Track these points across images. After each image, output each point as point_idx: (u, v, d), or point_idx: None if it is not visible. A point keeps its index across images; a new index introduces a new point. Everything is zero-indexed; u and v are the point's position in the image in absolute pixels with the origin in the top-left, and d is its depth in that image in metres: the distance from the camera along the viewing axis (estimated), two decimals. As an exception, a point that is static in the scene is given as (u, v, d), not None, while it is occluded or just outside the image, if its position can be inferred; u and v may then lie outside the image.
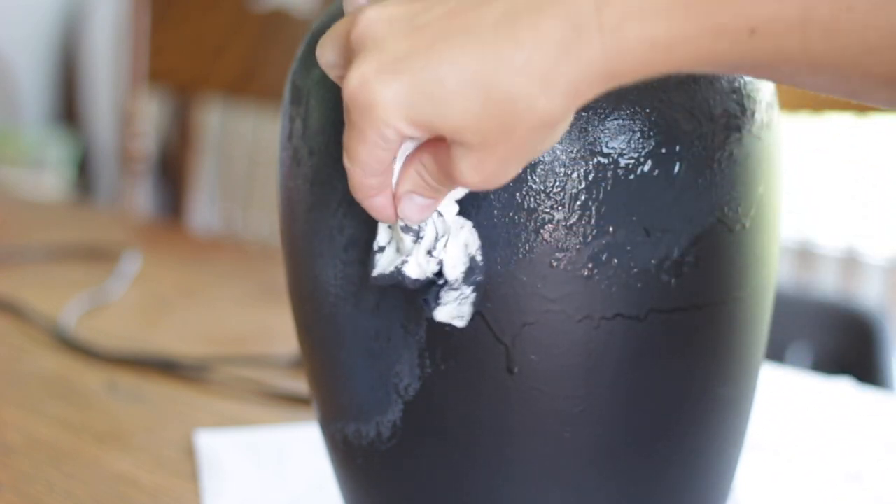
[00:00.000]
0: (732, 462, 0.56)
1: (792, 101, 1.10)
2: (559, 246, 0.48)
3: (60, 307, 1.01)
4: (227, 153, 2.59)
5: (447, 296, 0.49)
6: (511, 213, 0.48)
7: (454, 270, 0.48)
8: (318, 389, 0.57)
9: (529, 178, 0.48)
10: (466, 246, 0.48)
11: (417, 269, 0.48)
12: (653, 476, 0.52)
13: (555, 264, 0.48)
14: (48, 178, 2.61)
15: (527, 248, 0.48)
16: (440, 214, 0.47)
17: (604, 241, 0.48)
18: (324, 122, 0.52)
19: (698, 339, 0.50)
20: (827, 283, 2.22)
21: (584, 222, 0.48)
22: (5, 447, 0.74)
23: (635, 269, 0.48)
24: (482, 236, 0.48)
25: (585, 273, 0.48)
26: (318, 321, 0.54)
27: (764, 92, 0.53)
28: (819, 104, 1.15)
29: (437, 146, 0.44)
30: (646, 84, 0.49)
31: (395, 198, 0.45)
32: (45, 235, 1.28)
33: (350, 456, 0.55)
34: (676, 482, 0.53)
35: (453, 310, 0.49)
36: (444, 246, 0.48)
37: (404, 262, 0.48)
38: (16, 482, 0.69)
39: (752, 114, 0.51)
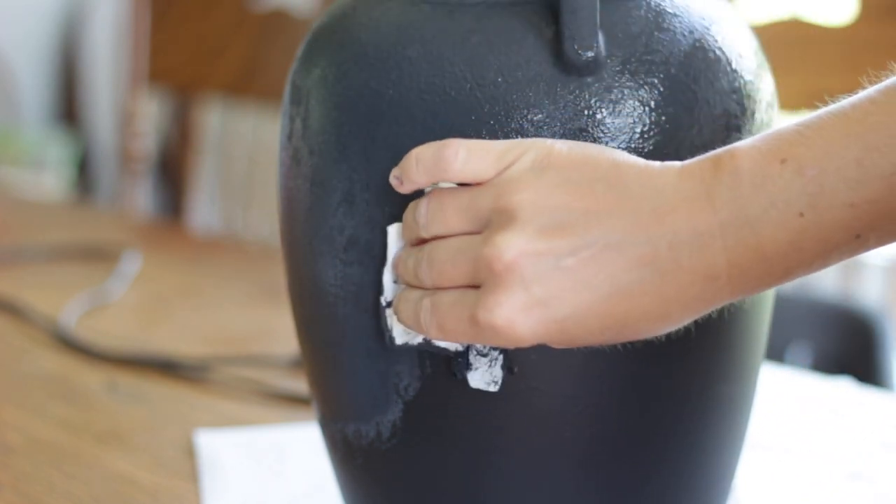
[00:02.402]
0: (732, 462, 0.56)
1: (792, 101, 1.10)
2: (559, 246, 0.48)
3: (60, 307, 1.01)
4: (227, 153, 2.58)
5: (477, 361, 0.49)
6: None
7: None
8: (318, 389, 0.57)
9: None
10: None
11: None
12: (653, 475, 0.52)
13: (555, 264, 0.48)
14: (48, 178, 2.61)
15: (527, 248, 0.48)
16: None
17: (604, 241, 0.48)
18: (324, 122, 0.52)
19: (698, 338, 0.50)
20: (827, 284, 2.22)
21: (584, 222, 0.48)
22: (5, 447, 0.74)
23: (635, 269, 0.48)
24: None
25: (585, 273, 0.48)
26: (318, 321, 0.54)
27: (764, 92, 0.53)
28: (819, 104, 1.15)
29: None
30: (646, 83, 0.49)
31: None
32: (45, 235, 1.28)
33: (350, 456, 0.55)
34: (676, 482, 0.53)
35: (486, 374, 0.49)
36: None
37: None
38: (16, 482, 0.69)
39: (752, 114, 0.51)
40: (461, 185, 0.46)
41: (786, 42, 1.13)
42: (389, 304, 0.50)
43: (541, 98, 0.48)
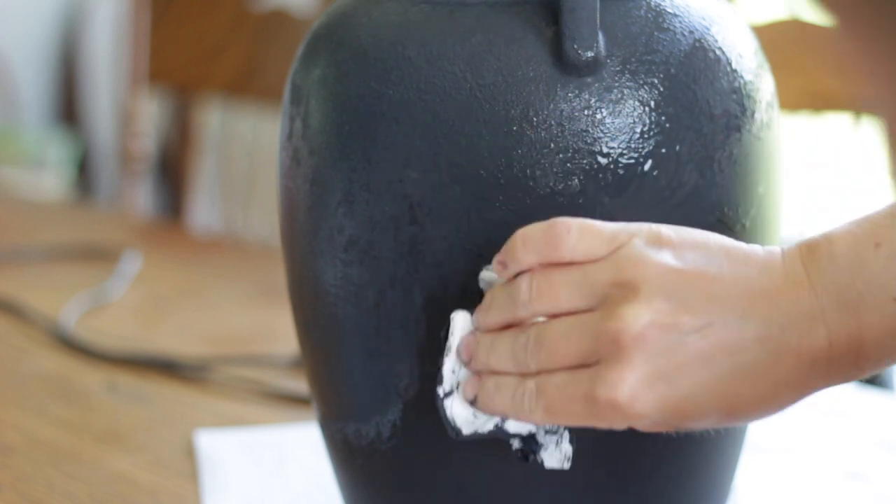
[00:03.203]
0: (732, 462, 0.56)
1: (792, 101, 1.10)
2: (559, 246, 0.48)
3: (60, 307, 1.01)
4: (227, 153, 2.58)
5: (546, 440, 0.48)
6: (511, 213, 0.48)
7: None
8: (318, 389, 0.57)
9: (529, 179, 0.48)
10: None
11: (517, 423, 0.47)
12: (653, 475, 0.52)
13: (555, 264, 0.48)
14: (48, 178, 2.61)
15: (527, 248, 0.48)
16: None
17: (604, 241, 0.48)
18: (324, 122, 0.52)
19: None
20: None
21: (584, 222, 0.47)
22: (5, 447, 0.74)
23: (635, 269, 0.48)
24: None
25: (585, 273, 0.48)
26: (318, 321, 0.54)
27: (764, 92, 0.53)
28: (819, 104, 1.15)
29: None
30: (646, 83, 0.49)
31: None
32: (45, 235, 1.28)
33: (350, 456, 0.55)
34: (676, 482, 0.53)
35: (557, 453, 0.48)
36: None
37: (504, 418, 0.47)
38: (16, 482, 0.69)
39: (752, 114, 0.51)
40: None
41: (786, 42, 1.13)
42: (448, 395, 0.48)
43: (541, 98, 0.48)
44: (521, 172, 0.48)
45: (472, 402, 0.47)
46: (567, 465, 0.48)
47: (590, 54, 0.48)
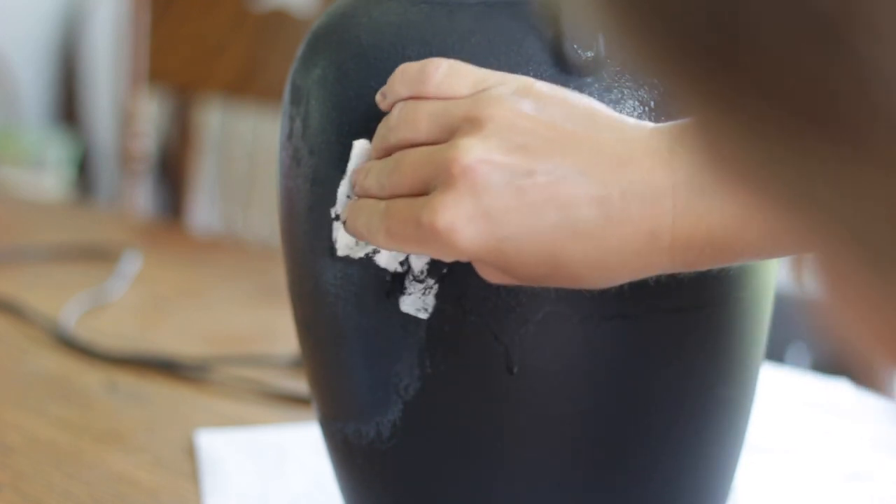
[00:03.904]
0: (732, 462, 0.56)
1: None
2: (559, 246, 0.48)
3: (60, 307, 1.01)
4: (227, 153, 2.58)
5: (412, 286, 0.49)
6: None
7: (419, 261, 0.49)
8: (318, 389, 0.57)
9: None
10: None
11: (388, 258, 0.49)
12: (653, 476, 0.52)
13: (555, 264, 0.48)
14: (48, 178, 2.61)
15: (527, 248, 0.48)
16: None
17: (604, 241, 0.48)
18: (324, 122, 0.52)
19: (698, 339, 0.50)
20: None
21: (584, 222, 0.48)
22: (5, 447, 0.74)
23: (635, 269, 0.48)
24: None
25: (585, 273, 0.48)
26: (318, 321, 0.54)
27: (764, 92, 0.53)
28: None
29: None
30: (646, 83, 0.49)
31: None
32: (45, 235, 1.28)
33: (350, 456, 0.55)
34: (676, 483, 0.53)
35: (418, 301, 0.49)
36: None
37: (376, 251, 0.49)
38: (16, 482, 0.69)
39: (752, 114, 0.51)
40: None
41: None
42: (338, 217, 0.50)
43: (541, 98, 0.48)
44: (521, 172, 0.48)
45: (345, 224, 0.48)
46: (423, 316, 0.49)
47: (590, 54, 0.48)
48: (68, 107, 2.97)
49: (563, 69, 0.48)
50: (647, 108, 0.49)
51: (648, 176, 0.42)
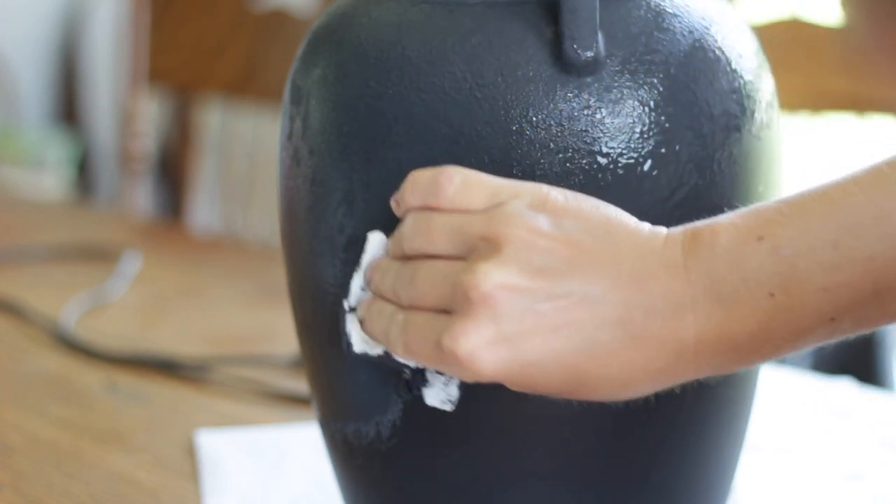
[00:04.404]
0: (732, 462, 0.56)
1: (792, 101, 1.10)
2: (559, 246, 0.48)
3: (60, 307, 1.01)
4: (227, 153, 2.58)
5: (434, 378, 0.48)
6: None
7: None
8: (318, 389, 0.57)
9: (529, 179, 0.48)
10: None
11: None
12: (653, 476, 0.52)
13: (555, 264, 0.48)
14: (48, 178, 2.61)
15: (527, 248, 0.48)
16: None
17: (604, 241, 0.48)
18: (324, 122, 0.52)
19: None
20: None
21: (583, 222, 0.47)
22: (5, 447, 0.74)
23: (635, 269, 0.48)
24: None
25: (585, 273, 0.48)
26: (318, 321, 0.54)
27: (764, 92, 0.53)
28: (819, 104, 1.15)
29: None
30: (645, 83, 0.49)
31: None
32: (45, 235, 1.28)
33: (350, 456, 0.55)
34: (676, 483, 0.53)
35: (441, 392, 0.48)
36: None
37: None
38: (16, 482, 0.69)
39: (752, 114, 0.51)
40: None
41: (786, 42, 1.13)
42: (353, 310, 0.49)
43: (540, 98, 0.48)
44: (520, 172, 0.48)
45: (361, 323, 0.48)
46: (449, 408, 0.48)
47: (589, 54, 0.48)
48: (68, 107, 2.97)
49: (563, 69, 0.48)
50: (647, 108, 0.48)
51: (667, 292, 0.42)
